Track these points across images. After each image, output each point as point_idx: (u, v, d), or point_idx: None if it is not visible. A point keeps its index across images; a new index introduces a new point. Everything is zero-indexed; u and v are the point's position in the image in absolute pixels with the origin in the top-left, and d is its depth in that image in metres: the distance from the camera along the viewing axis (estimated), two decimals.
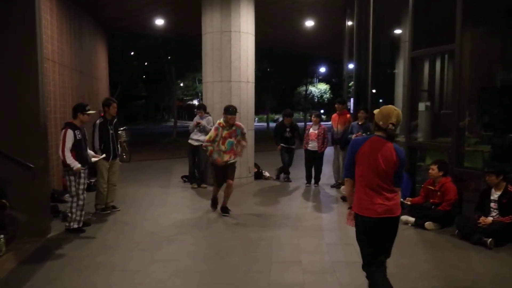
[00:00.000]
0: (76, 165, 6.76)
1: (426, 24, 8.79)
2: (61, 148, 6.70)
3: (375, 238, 3.94)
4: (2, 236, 5.86)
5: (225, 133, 7.79)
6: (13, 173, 6.45)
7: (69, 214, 6.90)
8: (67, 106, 10.38)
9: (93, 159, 7.31)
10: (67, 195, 7.70)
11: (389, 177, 3.91)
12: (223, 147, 7.80)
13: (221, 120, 7.87)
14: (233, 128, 7.85)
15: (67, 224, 6.94)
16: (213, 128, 7.96)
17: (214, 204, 8.44)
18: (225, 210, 8.11)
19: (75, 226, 6.91)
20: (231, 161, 7.97)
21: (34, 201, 6.67)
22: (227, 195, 8.14)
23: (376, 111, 4.09)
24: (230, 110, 7.76)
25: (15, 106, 6.52)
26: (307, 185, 10.97)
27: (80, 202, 6.91)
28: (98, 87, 15.30)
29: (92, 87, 14.29)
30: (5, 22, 6.43)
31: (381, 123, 3.95)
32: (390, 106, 4.04)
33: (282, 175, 11.82)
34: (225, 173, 7.99)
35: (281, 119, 12.32)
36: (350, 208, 4.16)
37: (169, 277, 5.17)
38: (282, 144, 11.41)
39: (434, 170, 7.29)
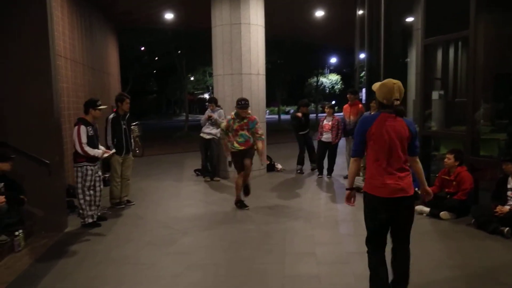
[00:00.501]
0: (99, 152, 6.98)
1: (439, 11, 8.69)
2: (79, 144, 6.76)
3: (384, 218, 3.87)
4: (20, 231, 5.94)
5: (236, 125, 7.77)
6: (30, 169, 6.53)
7: (80, 211, 6.98)
8: (80, 102, 10.37)
9: (105, 155, 7.34)
10: None
11: (403, 153, 3.83)
12: (237, 139, 7.79)
13: (233, 113, 7.88)
14: (245, 121, 7.79)
15: (82, 220, 7.00)
16: (225, 120, 7.97)
17: (240, 203, 8.08)
18: (245, 190, 8.10)
19: (90, 220, 6.97)
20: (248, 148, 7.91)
21: (51, 196, 6.74)
22: (245, 177, 7.97)
23: (375, 88, 3.99)
24: (241, 104, 7.73)
25: (29, 103, 6.58)
26: (319, 176, 10.94)
27: (87, 198, 6.94)
28: (110, 83, 15.34)
29: (104, 82, 14.32)
30: (17, 20, 6.47)
31: (385, 101, 3.86)
32: (388, 81, 3.91)
33: (297, 166, 11.80)
34: (243, 157, 7.88)
35: (292, 111, 12.46)
36: (350, 189, 4.11)
37: (184, 270, 5.19)
38: (299, 133, 11.57)
39: (450, 159, 7.21)
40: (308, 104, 11.94)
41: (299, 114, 11.43)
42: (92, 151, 6.82)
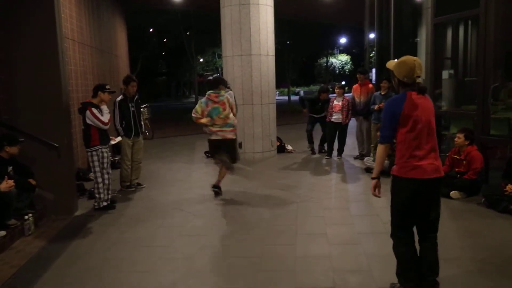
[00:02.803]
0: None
1: None
2: (100, 123, 6.85)
3: (416, 202, 3.70)
4: (30, 215, 5.99)
5: (211, 100, 7.37)
6: (39, 153, 6.57)
7: (96, 195, 6.99)
8: (88, 85, 10.42)
9: (111, 142, 7.36)
10: (92, 173, 7.80)
11: (434, 131, 3.68)
12: (212, 116, 7.38)
13: (211, 92, 7.46)
14: (216, 93, 7.42)
15: (95, 205, 7.03)
16: (202, 104, 7.44)
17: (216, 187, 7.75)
18: (216, 188, 7.75)
19: (104, 203, 7.02)
20: (228, 137, 7.51)
21: (60, 179, 6.78)
22: (222, 175, 7.79)
23: (391, 66, 3.80)
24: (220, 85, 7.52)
25: (37, 86, 6.59)
26: (327, 157, 10.90)
27: (106, 181, 7.01)
28: (118, 65, 15.35)
29: (113, 64, 14.33)
30: (24, 2, 6.45)
31: (405, 79, 3.68)
32: (407, 58, 3.73)
33: (308, 145, 11.75)
34: (221, 148, 7.56)
35: (302, 92, 12.41)
36: (376, 178, 3.90)
37: (197, 251, 5.22)
38: (312, 114, 11.43)
39: (460, 138, 7.16)
40: (329, 90, 11.79)
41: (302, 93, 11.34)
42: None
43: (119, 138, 7.81)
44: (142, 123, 8.41)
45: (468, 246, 5.13)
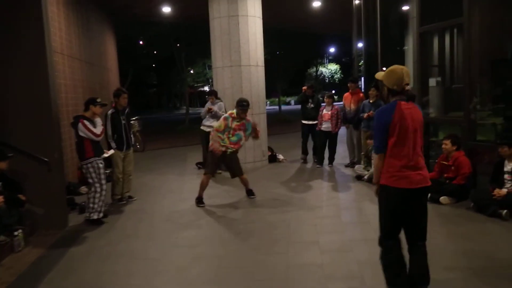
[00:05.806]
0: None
1: None
2: (93, 135, 6.83)
3: (404, 211, 3.76)
4: (20, 231, 5.91)
5: (235, 124, 7.67)
6: (29, 167, 6.53)
7: (90, 205, 6.93)
8: (78, 99, 10.41)
9: (104, 155, 7.35)
10: (83, 187, 7.76)
11: (421, 140, 3.74)
12: (232, 139, 7.71)
13: (234, 111, 7.74)
14: (243, 121, 7.73)
15: (87, 215, 6.99)
16: (222, 118, 7.82)
17: (200, 200, 7.92)
18: (251, 193, 8.17)
19: (95, 217, 6.94)
20: (230, 151, 7.79)
21: (51, 194, 6.72)
22: (245, 183, 8.16)
23: (380, 76, 3.87)
24: (243, 105, 7.61)
25: (26, 100, 6.56)
26: (318, 166, 10.95)
27: (104, 193, 6.99)
28: (108, 78, 15.35)
29: (103, 78, 14.33)
30: (13, 17, 6.46)
31: (395, 87, 3.72)
32: (396, 67, 3.81)
33: (301, 155, 11.75)
34: (224, 162, 8.01)
35: (293, 102, 12.32)
36: (377, 184, 3.90)
37: (190, 262, 5.24)
38: (304, 121, 11.31)
39: (447, 144, 7.26)
40: (312, 86, 11.59)
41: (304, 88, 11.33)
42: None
43: (111, 151, 7.79)
44: (132, 135, 8.40)
45: (459, 250, 5.18)
